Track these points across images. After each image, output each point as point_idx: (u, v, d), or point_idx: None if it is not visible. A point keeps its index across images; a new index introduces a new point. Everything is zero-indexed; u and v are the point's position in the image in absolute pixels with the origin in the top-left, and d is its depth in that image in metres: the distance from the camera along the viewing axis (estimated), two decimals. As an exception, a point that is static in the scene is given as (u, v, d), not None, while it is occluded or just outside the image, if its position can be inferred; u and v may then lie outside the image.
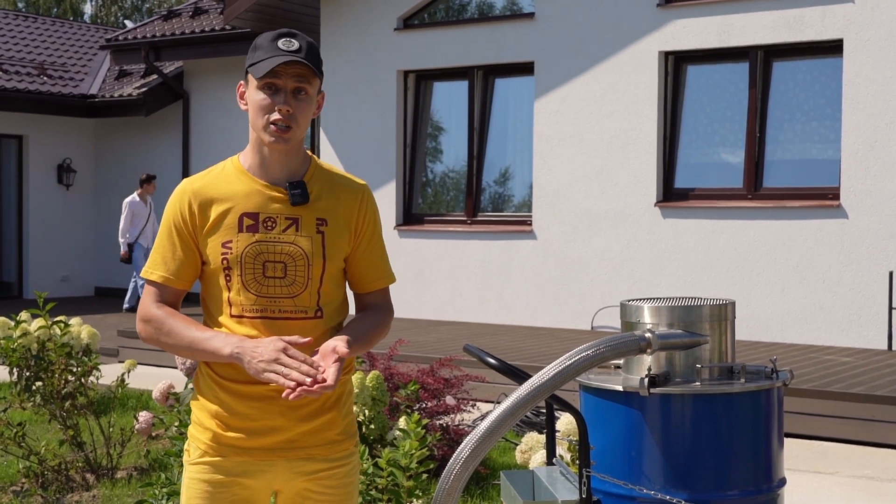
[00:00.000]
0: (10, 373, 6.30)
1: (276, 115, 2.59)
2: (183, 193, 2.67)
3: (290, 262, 2.63)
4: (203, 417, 2.68)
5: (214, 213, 2.64)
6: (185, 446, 2.73)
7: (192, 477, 2.68)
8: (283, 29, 2.66)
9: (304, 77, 2.60)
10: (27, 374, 6.23)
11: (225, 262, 2.62)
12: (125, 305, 14.78)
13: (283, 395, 2.44)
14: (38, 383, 6.20)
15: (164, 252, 2.67)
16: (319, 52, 2.67)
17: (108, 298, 16.74)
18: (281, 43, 2.60)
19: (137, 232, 14.36)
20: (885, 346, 9.66)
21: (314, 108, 2.67)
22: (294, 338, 2.52)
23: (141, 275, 2.75)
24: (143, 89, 16.27)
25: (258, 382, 2.57)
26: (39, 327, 6.22)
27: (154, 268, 2.67)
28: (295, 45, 2.60)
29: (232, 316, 2.63)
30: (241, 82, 2.70)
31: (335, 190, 2.71)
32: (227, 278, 2.63)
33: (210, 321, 2.69)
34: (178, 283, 2.67)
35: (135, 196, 14.41)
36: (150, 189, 14.53)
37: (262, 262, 2.62)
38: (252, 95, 2.64)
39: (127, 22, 36.27)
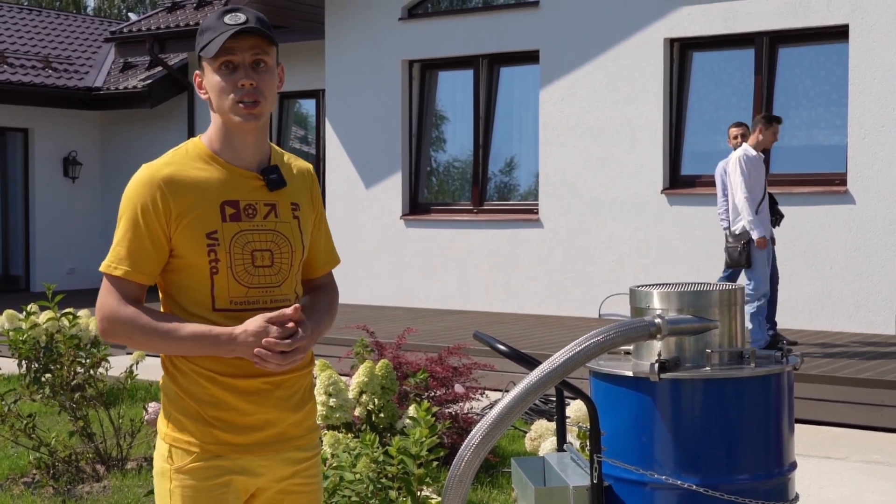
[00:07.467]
0: (20, 365, 6.31)
1: (240, 93, 2.47)
2: (151, 182, 2.49)
3: (276, 249, 2.55)
4: (190, 418, 2.51)
5: (192, 202, 2.48)
6: (164, 453, 2.54)
7: (186, 484, 2.50)
8: (228, 6, 2.54)
9: (259, 48, 2.48)
10: (36, 366, 6.24)
11: (213, 253, 2.47)
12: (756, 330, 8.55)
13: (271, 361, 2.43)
14: (48, 375, 6.21)
15: (130, 245, 2.47)
16: (269, 24, 2.56)
17: (115, 291, 16.74)
18: (227, 18, 2.47)
19: (755, 206, 8.59)
20: (892, 332, 9.65)
21: (277, 81, 2.54)
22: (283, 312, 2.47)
23: (102, 269, 2.50)
24: (148, 81, 16.27)
25: (252, 375, 2.50)
26: (48, 319, 6.23)
27: (118, 262, 2.48)
28: (242, 17, 2.47)
29: (216, 310, 2.50)
30: (197, 72, 2.57)
31: (293, 173, 2.66)
32: (214, 270, 2.48)
33: (180, 316, 2.51)
34: (146, 278, 2.49)
35: (747, 149, 8.70)
36: (770, 137, 8.86)
37: (250, 251, 2.51)
38: (211, 79, 2.51)
39: (130, 14, 36.25)
